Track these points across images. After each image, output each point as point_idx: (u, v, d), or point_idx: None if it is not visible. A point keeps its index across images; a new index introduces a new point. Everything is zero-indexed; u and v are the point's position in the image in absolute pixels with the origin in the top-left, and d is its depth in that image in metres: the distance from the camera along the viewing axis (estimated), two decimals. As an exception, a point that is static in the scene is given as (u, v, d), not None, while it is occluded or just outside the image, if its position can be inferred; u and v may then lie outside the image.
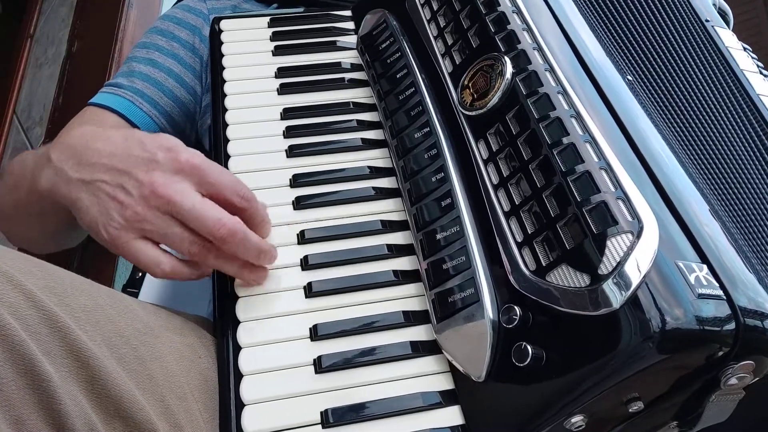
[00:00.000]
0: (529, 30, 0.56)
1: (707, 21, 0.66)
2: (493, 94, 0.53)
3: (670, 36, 0.63)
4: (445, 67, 0.60)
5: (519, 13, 0.57)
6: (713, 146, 0.56)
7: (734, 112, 0.60)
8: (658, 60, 0.61)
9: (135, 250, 0.49)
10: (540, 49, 0.54)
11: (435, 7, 0.64)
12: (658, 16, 0.64)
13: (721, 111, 0.59)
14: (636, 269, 0.40)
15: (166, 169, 0.48)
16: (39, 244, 0.69)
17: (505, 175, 0.50)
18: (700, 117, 0.58)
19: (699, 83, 0.60)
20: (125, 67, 0.77)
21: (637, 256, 0.41)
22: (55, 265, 0.46)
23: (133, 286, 0.71)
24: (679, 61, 0.61)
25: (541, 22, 0.57)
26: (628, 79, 0.56)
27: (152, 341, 0.47)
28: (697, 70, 0.61)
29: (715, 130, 0.58)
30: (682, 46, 0.62)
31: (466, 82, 0.56)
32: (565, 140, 0.48)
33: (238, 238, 0.48)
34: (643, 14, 0.63)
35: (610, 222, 0.43)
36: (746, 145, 0.58)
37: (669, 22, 0.64)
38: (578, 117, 0.49)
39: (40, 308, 0.39)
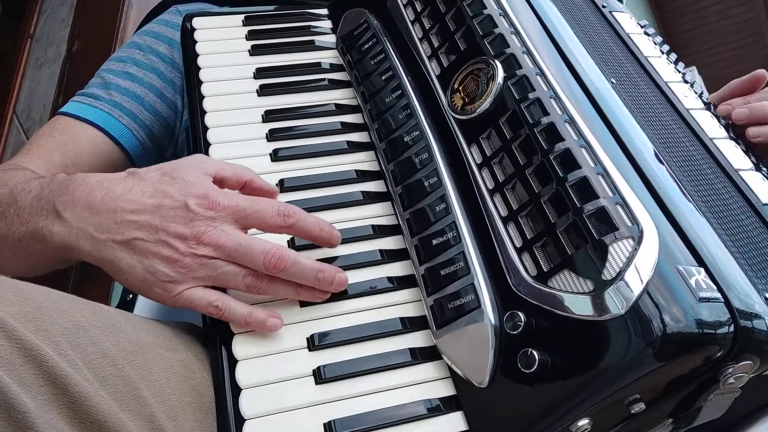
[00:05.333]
0: (517, 33, 0.56)
1: (604, 7, 0.67)
2: (484, 99, 0.53)
3: (592, 30, 0.63)
4: (433, 69, 0.59)
5: (506, 16, 0.57)
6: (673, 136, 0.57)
7: (658, 104, 0.60)
8: (612, 56, 0.62)
9: (187, 297, 0.49)
10: (529, 53, 0.54)
11: (419, 9, 0.63)
12: (575, 9, 0.64)
13: (653, 105, 0.60)
14: (638, 275, 0.41)
15: (204, 216, 0.48)
16: (12, 272, 0.63)
17: (500, 180, 0.50)
18: (651, 108, 0.59)
19: (629, 76, 0.61)
20: (98, 79, 0.73)
21: (639, 261, 0.41)
22: (32, 284, 0.44)
23: (125, 308, 0.68)
24: (611, 56, 0.62)
25: (528, 25, 0.57)
26: (612, 82, 0.57)
27: (140, 359, 0.46)
28: (620, 62, 0.62)
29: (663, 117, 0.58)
30: (602, 40, 0.63)
31: (456, 86, 0.56)
32: (560, 146, 0.48)
33: (289, 263, 0.48)
34: (570, 10, 0.64)
35: (611, 228, 0.43)
36: (684, 134, 0.59)
37: (584, 16, 0.64)
38: (572, 122, 0.49)
39: (13, 337, 0.38)
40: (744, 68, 0.66)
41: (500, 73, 0.53)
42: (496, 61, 0.54)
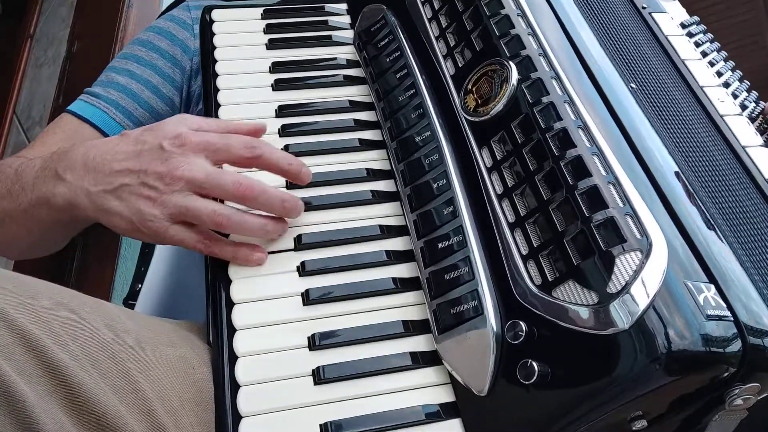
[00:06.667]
0: (534, 35, 0.55)
1: (644, 8, 0.65)
2: (497, 101, 0.52)
3: (622, 32, 0.61)
4: (447, 69, 0.58)
5: (524, 16, 0.56)
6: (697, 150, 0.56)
7: (687, 110, 0.59)
8: (638, 58, 0.60)
9: (175, 233, 0.52)
10: (545, 55, 0.53)
11: (436, 6, 0.62)
12: (607, 10, 0.62)
13: (688, 109, 0.58)
14: (645, 290, 0.40)
15: (177, 154, 0.51)
16: (21, 251, 0.69)
17: (509, 186, 0.49)
18: (680, 117, 0.57)
19: (667, 82, 0.59)
20: (104, 76, 0.76)
21: (645, 275, 0.40)
22: (34, 278, 0.44)
23: (133, 299, 0.69)
24: (640, 59, 0.60)
25: (546, 26, 0.56)
26: (631, 87, 0.55)
27: (140, 354, 0.46)
28: (650, 66, 0.60)
29: (691, 126, 0.57)
30: (634, 42, 0.61)
31: (469, 87, 0.55)
32: (572, 152, 0.47)
33: (257, 191, 0.51)
34: (599, 11, 0.62)
35: (619, 239, 0.42)
36: (714, 142, 0.57)
37: (616, 17, 0.62)
38: (585, 128, 0.48)
39: (14, 327, 0.39)
40: (744, 68, 0.64)
41: (514, 75, 0.52)
42: (511, 63, 0.53)
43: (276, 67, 0.67)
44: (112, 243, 0.74)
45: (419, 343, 0.50)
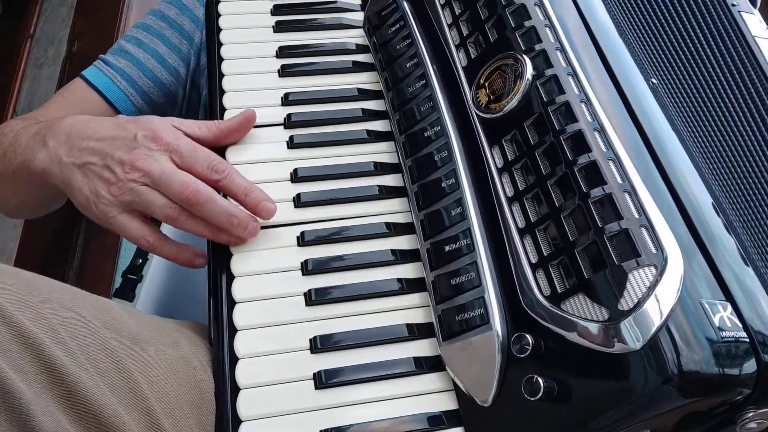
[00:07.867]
0: (552, 26, 0.52)
1: (734, 5, 0.62)
2: (510, 98, 0.50)
3: (695, 25, 0.58)
4: (459, 60, 0.56)
5: (541, 6, 0.53)
6: (736, 156, 0.53)
7: (760, 117, 0.56)
8: (682, 53, 0.57)
9: (122, 223, 0.53)
10: (563, 50, 0.51)
11: (450, -8, 0.59)
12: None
13: (747, 116, 0.56)
14: (658, 308, 0.38)
15: (144, 146, 0.52)
16: (10, 210, 0.72)
17: (520, 189, 0.47)
18: (724, 122, 0.55)
19: (723, 82, 0.57)
20: (116, 44, 0.76)
21: (659, 293, 0.38)
22: (35, 274, 0.44)
23: (133, 273, 0.69)
24: (704, 56, 0.57)
25: (565, 16, 0.53)
26: (652, 83, 0.53)
27: (140, 354, 0.46)
28: (722, 65, 0.57)
29: (738, 136, 0.54)
30: (708, 36, 0.58)
31: (482, 81, 0.53)
32: (587, 157, 0.45)
33: (203, 199, 0.50)
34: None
35: (633, 253, 0.40)
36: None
37: (693, 8, 0.59)
38: (601, 130, 0.46)
39: (11, 324, 0.39)
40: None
41: (529, 71, 0.49)
42: (526, 57, 0.50)
43: (283, 51, 0.65)
44: (112, 240, 0.73)
45: (423, 347, 0.49)
